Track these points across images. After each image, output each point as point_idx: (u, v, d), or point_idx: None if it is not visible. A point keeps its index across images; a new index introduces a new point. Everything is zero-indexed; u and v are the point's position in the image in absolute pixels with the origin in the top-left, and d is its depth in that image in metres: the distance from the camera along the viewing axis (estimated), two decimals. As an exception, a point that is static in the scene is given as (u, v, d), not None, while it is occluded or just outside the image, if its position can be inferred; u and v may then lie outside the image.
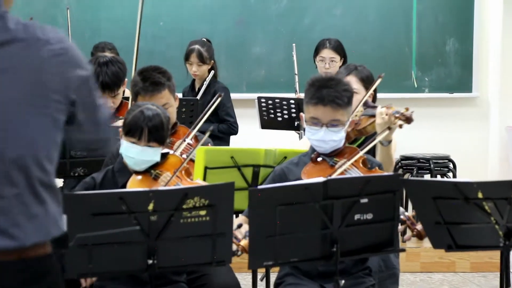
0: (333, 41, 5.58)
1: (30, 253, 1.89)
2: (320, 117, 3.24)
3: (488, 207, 2.85)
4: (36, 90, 1.87)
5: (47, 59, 1.88)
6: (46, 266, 1.93)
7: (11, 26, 1.87)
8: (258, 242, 2.83)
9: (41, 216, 1.90)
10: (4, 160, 1.85)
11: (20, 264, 1.88)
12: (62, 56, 1.91)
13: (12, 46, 1.85)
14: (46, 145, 1.89)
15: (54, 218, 1.93)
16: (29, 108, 1.86)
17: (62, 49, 1.91)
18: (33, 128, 1.87)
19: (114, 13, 6.69)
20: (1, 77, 1.84)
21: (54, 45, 1.90)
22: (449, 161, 6.45)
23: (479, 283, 5.73)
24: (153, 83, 3.64)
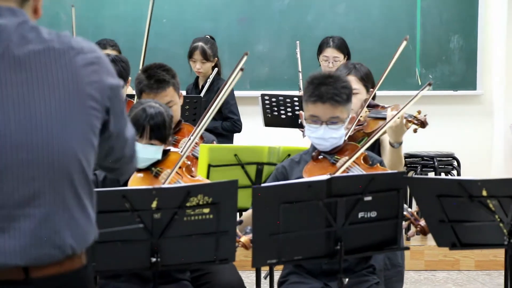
0: (336, 40, 5.57)
1: (69, 266, 1.90)
2: (320, 115, 3.23)
3: (493, 205, 2.84)
4: (74, 97, 1.88)
5: (82, 67, 1.90)
6: (83, 279, 1.95)
7: (45, 36, 1.88)
8: (261, 240, 2.83)
9: (82, 222, 1.91)
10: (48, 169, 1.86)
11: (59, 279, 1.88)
12: (96, 65, 1.92)
13: (48, 55, 1.87)
14: (86, 151, 1.91)
15: (93, 225, 1.95)
16: (70, 116, 1.87)
17: (96, 58, 1.93)
18: (74, 134, 1.88)
19: (118, 11, 6.68)
20: (41, 87, 1.85)
21: (88, 54, 1.92)
22: (453, 159, 6.44)
23: (484, 281, 5.72)
24: (158, 80, 3.63)
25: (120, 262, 2.82)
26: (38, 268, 1.85)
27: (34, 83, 1.84)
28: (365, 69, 4.08)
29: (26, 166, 1.84)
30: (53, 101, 1.86)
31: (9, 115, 1.83)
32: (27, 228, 1.83)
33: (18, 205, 1.83)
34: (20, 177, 1.83)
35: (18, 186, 1.83)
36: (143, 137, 3.19)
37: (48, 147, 1.85)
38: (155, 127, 3.19)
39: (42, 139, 1.84)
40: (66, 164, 1.88)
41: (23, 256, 1.83)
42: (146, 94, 3.65)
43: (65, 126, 1.87)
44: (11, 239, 1.82)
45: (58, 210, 1.87)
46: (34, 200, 1.84)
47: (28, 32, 1.87)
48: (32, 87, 1.84)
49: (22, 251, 1.83)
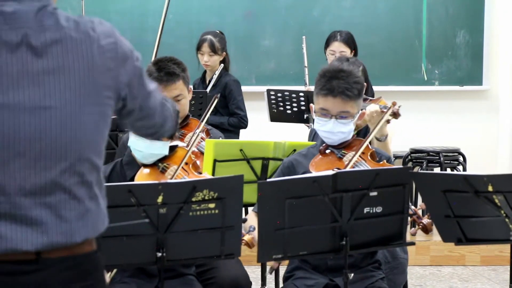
0: (343, 34, 5.56)
1: (80, 250, 1.91)
2: (330, 109, 3.22)
3: (498, 200, 2.83)
4: (89, 87, 1.89)
5: (97, 56, 1.90)
6: (94, 263, 1.96)
7: (63, 23, 1.88)
8: (267, 235, 2.83)
9: (92, 211, 1.93)
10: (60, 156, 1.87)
11: (70, 260, 1.90)
12: (111, 52, 1.93)
13: (65, 44, 1.87)
14: (98, 140, 1.93)
15: (103, 213, 1.97)
16: (84, 105, 1.88)
17: (112, 44, 1.93)
18: (87, 125, 1.89)
19: (124, 6, 6.69)
20: (57, 74, 1.86)
21: (103, 40, 1.92)
22: (459, 154, 6.43)
23: (489, 276, 5.72)
24: (168, 73, 3.63)
25: (125, 257, 2.82)
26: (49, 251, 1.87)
27: (50, 72, 1.85)
28: (359, 64, 4.08)
29: (38, 155, 1.85)
30: (68, 90, 1.86)
31: (24, 104, 1.84)
32: (39, 216, 1.85)
33: (30, 194, 1.85)
34: (33, 165, 1.85)
35: (30, 175, 1.85)
36: (149, 133, 3.19)
37: (61, 136, 1.87)
38: (161, 122, 3.18)
39: (55, 128, 1.86)
40: (78, 154, 1.89)
41: (34, 243, 1.85)
42: (156, 86, 3.65)
43: (78, 116, 1.88)
44: (22, 227, 1.85)
45: (70, 199, 1.88)
46: (46, 189, 1.86)
47: (47, 18, 1.87)
48: (48, 76, 1.85)
49: (34, 239, 1.85)
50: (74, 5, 6.41)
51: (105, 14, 6.62)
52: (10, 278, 1.86)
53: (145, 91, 2.04)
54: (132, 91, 1.99)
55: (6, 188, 1.84)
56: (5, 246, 1.84)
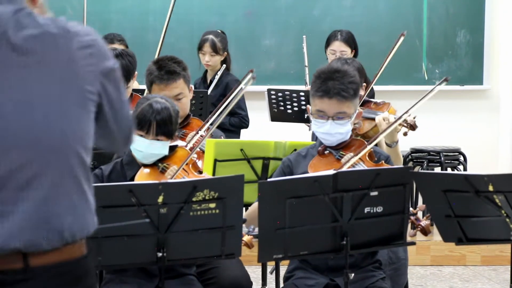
0: (344, 33, 5.56)
1: (69, 255, 1.89)
2: (326, 110, 3.22)
3: (499, 200, 2.83)
4: (71, 81, 1.89)
5: (77, 50, 1.91)
6: (84, 268, 1.94)
7: (41, 21, 1.90)
8: (267, 235, 2.83)
9: (81, 208, 1.91)
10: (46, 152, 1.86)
11: (59, 267, 1.88)
12: (92, 48, 1.93)
13: (44, 40, 1.88)
14: (83, 136, 1.92)
15: (92, 212, 1.94)
16: (66, 100, 1.88)
17: (91, 41, 1.94)
18: (72, 119, 1.89)
19: (125, 5, 6.68)
20: (38, 71, 1.86)
21: (84, 37, 1.93)
22: (459, 153, 6.42)
23: (490, 276, 5.71)
24: (169, 72, 3.63)
25: (126, 257, 2.82)
26: (37, 256, 1.84)
27: (31, 67, 1.85)
28: (357, 64, 4.08)
29: (24, 149, 1.84)
30: (50, 84, 1.87)
31: (7, 98, 1.83)
32: (26, 210, 1.83)
33: (17, 188, 1.83)
34: (18, 159, 1.84)
35: (16, 169, 1.84)
36: (150, 133, 3.19)
37: (46, 130, 1.86)
38: (161, 122, 3.18)
39: (40, 122, 1.85)
40: (63, 147, 1.88)
41: (21, 239, 1.82)
42: (157, 85, 3.65)
43: (62, 109, 1.87)
44: (9, 222, 1.82)
45: (57, 194, 1.87)
46: (32, 182, 1.84)
47: (24, 18, 1.88)
48: (30, 71, 1.85)
49: (21, 233, 1.82)
50: (75, 4, 6.41)
51: (106, 14, 6.62)
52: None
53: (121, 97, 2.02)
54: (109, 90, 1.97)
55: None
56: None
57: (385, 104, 3.93)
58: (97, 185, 2.94)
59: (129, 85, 4.29)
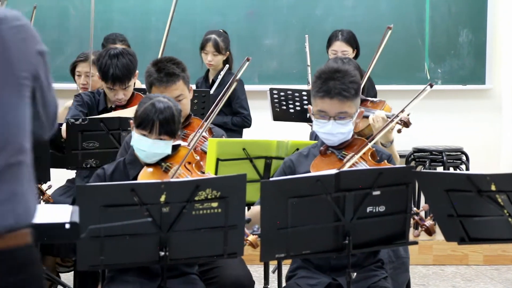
0: (345, 33, 5.56)
1: (11, 242, 1.88)
2: (327, 110, 3.22)
3: (501, 200, 2.83)
4: (5, 70, 1.89)
5: (9, 37, 1.90)
6: (29, 257, 1.93)
7: None
8: (270, 234, 2.83)
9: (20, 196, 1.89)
10: None
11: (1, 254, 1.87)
12: (22, 33, 1.93)
13: None
14: (22, 123, 1.91)
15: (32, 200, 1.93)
16: (3, 90, 1.88)
17: (21, 26, 1.93)
18: (8, 106, 1.88)
19: (127, 5, 6.68)
20: None
21: (12, 22, 1.92)
22: (462, 153, 6.42)
23: (492, 276, 5.71)
24: (168, 74, 3.63)
25: (128, 256, 2.82)
26: None
27: None
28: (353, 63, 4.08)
29: None
30: None
31: None
32: None
33: None
34: None
35: None
36: (153, 132, 3.19)
37: None
38: (164, 122, 3.18)
39: None
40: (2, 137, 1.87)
41: None
42: (156, 88, 3.65)
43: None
44: None
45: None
46: None
47: None
48: None
49: None
50: (76, 4, 6.42)
51: (108, 13, 6.62)
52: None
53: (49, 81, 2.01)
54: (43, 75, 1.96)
55: None
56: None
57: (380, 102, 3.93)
58: (99, 184, 2.96)
59: (130, 84, 4.29)
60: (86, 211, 2.56)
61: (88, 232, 2.61)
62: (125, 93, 4.27)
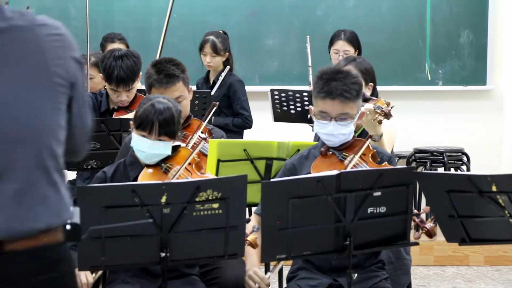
0: (348, 33, 5.56)
1: (44, 240, 1.90)
2: (329, 111, 3.21)
3: (502, 201, 2.83)
4: (41, 74, 1.90)
5: (47, 43, 1.92)
6: (59, 254, 1.95)
7: (8, 14, 1.91)
8: (271, 235, 2.83)
9: (52, 197, 1.91)
10: (14, 142, 1.87)
11: (34, 252, 1.89)
12: (60, 41, 1.95)
13: (12, 33, 1.89)
14: (54, 128, 1.93)
15: (65, 202, 1.95)
16: (36, 93, 1.89)
17: (60, 35, 1.95)
18: (42, 111, 1.90)
19: (128, 5, 6.68)
20: (6, 61, 1.87)
21: (52, 30, 1.94)
22: (463, 154, 6.42)
23: (493, 276, 5.71)
24: (167, 75, 3.63)
25: (129, 257, 2.82)
26: (13, 241, 1.86)
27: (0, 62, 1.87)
28: (366, 64, 4.07)
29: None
30: (19, 78, 1.88)
31: None
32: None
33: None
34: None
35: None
36: (152, 133, 3.19)
37: (15, 123, 1.87)
38: (164, 122, 3.18)
39: (8, 115, 1.86)
40: (33, 140, 1.89)
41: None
42: (156, 89, 3.65)
43: (31, 102, 1.88)
44: None
45: (29, 186, 1.88)
46: (3, 175, 1.86)
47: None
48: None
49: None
50: (77, 4, 6.41)
51: (109, 14, 6.63)
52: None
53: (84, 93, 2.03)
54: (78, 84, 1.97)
55: None
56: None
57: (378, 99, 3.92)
58: (100, 185, 2.96)
59: (134, 85, 4.29)
60: (87, 212, 2.55)
61: (89, 233, 2.61)
62: (128, 95, 4.27)
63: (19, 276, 1.87)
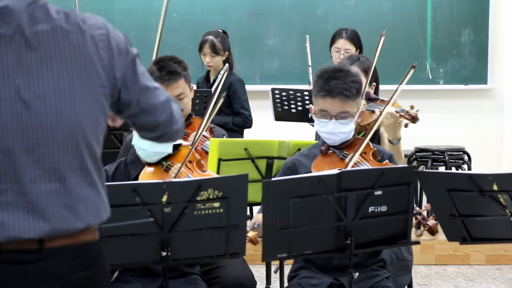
0: (349, 31, 5.56)
1: (82, 238, 1.94)
2: (329, 109, 3.21)
3: (503, 200, 2.82)
4: (82, 75, 1.92)
5: (89, 45, 1.94)
6: (97, 252, 1.99)
7: (54, 15, 1.93)
8: (272, 234, 2.83)
9: (92, 198, 1.95)
10: (58, 144, 1.90)
11: (73, 249, 1.93)
12: (104, 42, 1.96)
13: (56, 34, 1.91)
14: (95, 129, 1.95)
15: (104, 201, 1.99)
16: (78, 94, 1.92)
17: (103, 35, 1.97)
18: (83, 112, 1.93)
19: (128, 5, 6.69)
20: (50, 64, 1.90)
21: (95, 31, 1.96)
22: (464, 153, 6.41)
23: (494, 275, 5.71)
24: (169, 72, 3.63)
25: (130, 256, 2.82)
26: (52, 238, 1.90)
27: (43, 62, 1.89)
28: (369, 63, 4.07)
29: (36, 144, 1.89)
30: (61, 79, 1.90)
31: (20, 94, 1.87)
32: (40, 203, 1.88)
33: (30, 181, 1.88)
34: (31, 154, 1.88)
35: (30, 163, 1.88)
36: (154, 131, 3.18)
37: (57, 125, 1.90)
38: (165, 121, 3.18)
39: (51, 117, 1.89)
40: (75, 141, 1.92)
41: (37, 231, 1.88)
42: (158, 86, 3.64)
43: (73, 104, 1.91)
44: (24, 214, 1.88)
45: (69, 186, 1.91)
46: (45, 176, 1.89)
47: (38, 11, 1.91)
48: (41, 65, 1.89)
49: (36, 226, 1.88)
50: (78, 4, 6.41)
51: (109, 13, 6.62)
52: (14, 267, 1.89)
53: (141, 85, 2.04)
54: (127, 83, 2.00)
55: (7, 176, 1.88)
56: (8, 234, 1.86)
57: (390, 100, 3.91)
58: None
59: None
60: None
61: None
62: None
63: (58, 273, 1.91)
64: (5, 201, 1.87)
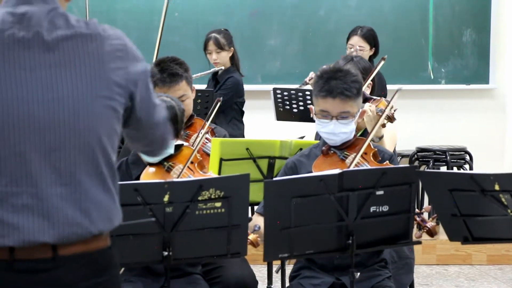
0: (365, 29, 5.57)
1: (95, 246, 1.95)
2: (330, 110, 3.21)
3: (505, 199, 2.82)
4: (100, 81, 1.94)
5: (108, 53, 1.96)
6: (109, 258, 2.00)
7: (73, 23, 1.96)
8: (273, 234, 2.83)
9: (106, 203, 1.96)
10: (74, 148, 1.92)
11: (86, 257, 1.94)
12: (122, 52, 1.98)
13: (76, 41, 1.94)
14: (111, 135, 1.97)
15: (117, 207, 2.00)
16: (95, 99, 1.93)
17: (121, 45, 1.99)
18: (100, 117, 1.94)
19: (130, 5, 6.69)
20: (68, 70, 1.92)
21: (114, 40, 1.98)
22: (465, 153, 6.41)
23: (496, 275, 5.70)
24: (171, 74, 3.63)
25: (132, 256, 2.82)
26: (66, 246, 1.91)
27: (61, 67, 1.91)
28: (364, 63, 4.07)
29: (53, 147, 1.90)
30: (79, 84, 1.92)
31: (37, 97, 1.89)
32: (55, 206, 1.89)
33: (46, 185, 1.89)
34: (47, 157, 1.90)
35: (46, 166, 1.90)
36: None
37: (74, 129, 1.91)
38: (167, 121, 3.18)
39: (68, 121, 1.91)
40: (91, 146, 1.93)
41: (51, 234, 1.89)
42: (159, 88, 3.65)
43: (90, 109, 1.93)
44: (39, 218, 1.89)
45: (84, 190, 1.93)
46: (61, 179, 1.90)
47: (58, 18, 1.94)
48: (60, 70, 1.91)
49: (50, 229, 1.89)
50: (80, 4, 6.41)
51: (111, 13, 6.63)
52: (28, 275, 1.90)
53: (152, 101, 2.08)
54: (140, 93, 2.02)
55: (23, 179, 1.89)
56: (23, 238, 1.87)
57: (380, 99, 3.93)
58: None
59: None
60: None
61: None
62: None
63: (72, 281, 1.92)
64: (20, 204, 1.88)
